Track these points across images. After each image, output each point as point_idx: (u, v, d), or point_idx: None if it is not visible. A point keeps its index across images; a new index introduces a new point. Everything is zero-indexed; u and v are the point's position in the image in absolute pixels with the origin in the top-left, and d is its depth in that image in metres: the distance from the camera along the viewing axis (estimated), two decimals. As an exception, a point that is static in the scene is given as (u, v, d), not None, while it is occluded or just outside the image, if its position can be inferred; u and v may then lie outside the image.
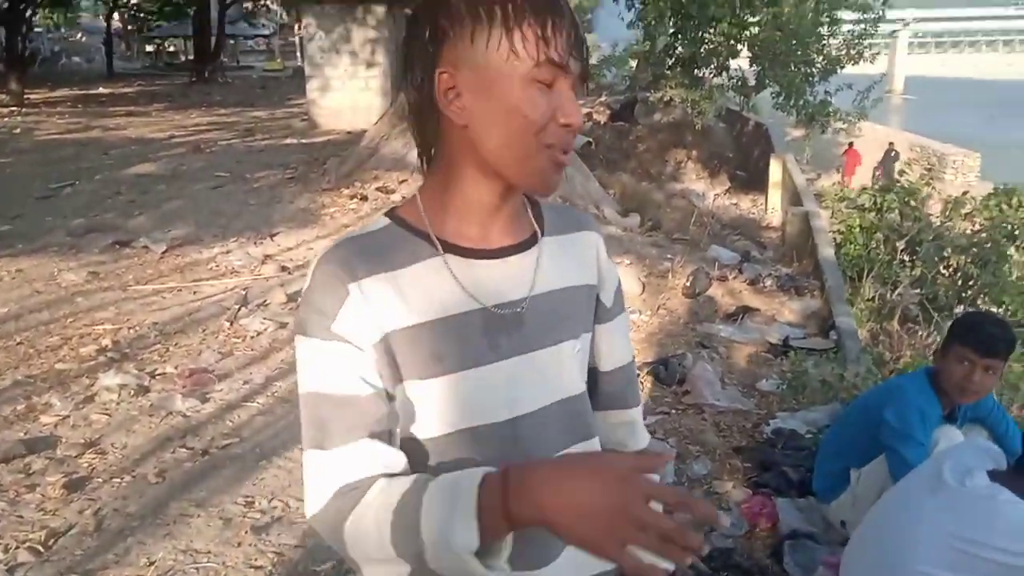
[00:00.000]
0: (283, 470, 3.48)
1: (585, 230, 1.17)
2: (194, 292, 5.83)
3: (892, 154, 19.55)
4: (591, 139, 12.80)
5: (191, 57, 31.45)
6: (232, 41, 37.89)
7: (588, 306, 1.15)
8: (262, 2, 36.99)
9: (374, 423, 0.97)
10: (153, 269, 6.36)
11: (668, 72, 13.78)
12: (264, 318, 5.25)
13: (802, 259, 7.76)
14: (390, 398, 0.99)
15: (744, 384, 4.44)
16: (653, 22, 13.38)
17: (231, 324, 5.18)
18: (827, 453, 2.93)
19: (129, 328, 5.11)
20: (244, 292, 5.74)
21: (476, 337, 1.01)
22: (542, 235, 1.10)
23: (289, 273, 6.27)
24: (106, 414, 3.95)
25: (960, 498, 1.74)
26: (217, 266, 6.46)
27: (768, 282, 6.42)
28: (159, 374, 4.43)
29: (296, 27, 38.24)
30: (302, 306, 1.00)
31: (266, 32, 44.60)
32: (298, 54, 35.71)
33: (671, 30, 13.86)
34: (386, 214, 1.07)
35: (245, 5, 36.74)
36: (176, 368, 4.50)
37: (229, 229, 7.42)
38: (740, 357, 4.89)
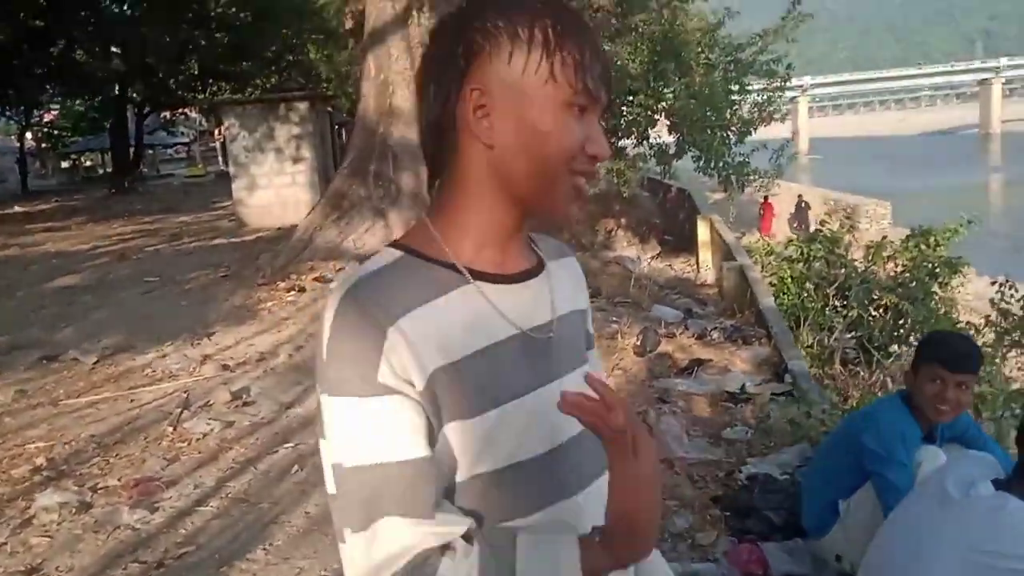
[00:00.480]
0: (247, 573, 3.27)
1: (569, 256, 1.16)
2: (131, 400, 5.57)
3: (803, 205, 20.67)
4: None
5: (109, 170, 31.12)
6: (151, 151, 37.63)
7: (583, 331, 1.13)
8: (180, 111, 36.99)
9: (435, 489, 0.90)
10: (85, 381, 6.07)
11: (591, 145, 14.09)
12: (209, 419, 5.04)
13: (743, 310, 7.88)
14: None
15: (710, 434, 4.40)
16: (572, 98, 13.74)
17: (174, 428, 4.94)
18: (812, 489, 2.88)
19: (64, 444, 4.82)
20: (185, 395, 5.51)
21: (519, 364, 0.96)
22: (545, 260, 1.08)
23: (231, 371, 6.06)
24: (47, 536, 3.67)
25: (969, 509, 1.72)
26: (154, 371, 6.20)
27: (715, 334, 6.48)
28: (101, 488, 4.17)
29: (216, 132, 38.25)
30: (330, 361, 0.90)
31: (186, 140, 44.46)
32: (220, 158, 35.64)
33: (590, 105, 14.25)
34: (392, 245, 1.00)
35: (163, 115, 36.68)
36: (119, 480, 4.25)
37: (163, 333, 7.17)
38: (701, 409, 4.87)
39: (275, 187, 13.87)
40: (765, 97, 14.06)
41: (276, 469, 4.33)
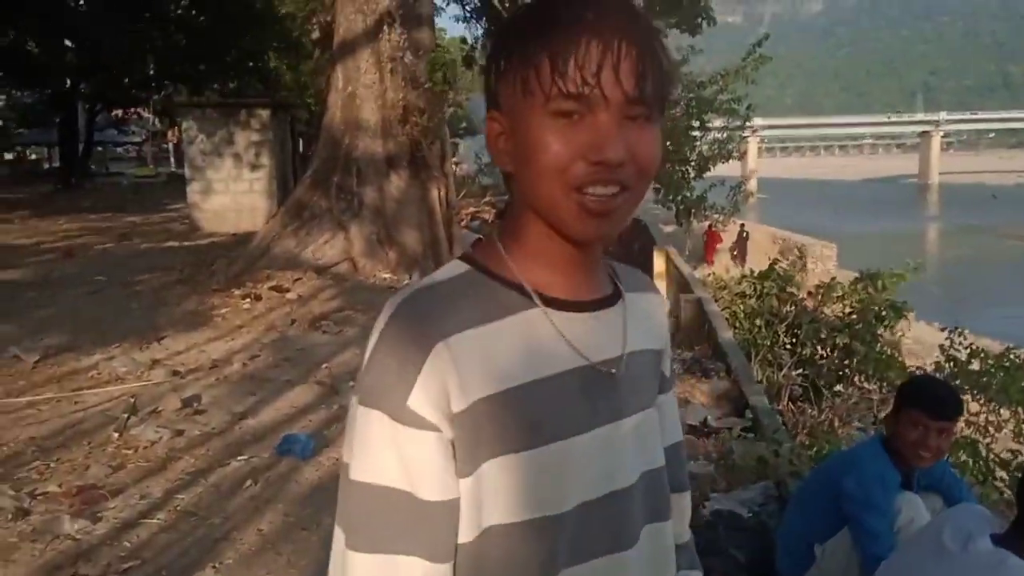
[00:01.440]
0: (196, 591, 3.13)
1: (652, 292, 1.07)
2: (75, 402, 5.34)
3: (744, 235, 21.15)
4: (481, 236, 12.96)
5: (56, 165, 30.21)
6: (101, 148, 36.69)
7: (657, 373, 1.04)
8: (133, 110, 36.15)
9: (438, 539, 0.84)
10: (25, 380, 5.80)
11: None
12: (158, 426, 4.86)
13: (700, 343, 7.93)
14: (461, 483, 0.85)
15: (673, 468, 4.38)
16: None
17: (120, 435, 4.75)
18: (789, 531, 2.87)
19: (1, 445, 4.59)
20: (132, 400, 5.30)
21: (577, 400, 0.89)
22: (623, 290, 1.00)
23: (181, 377, 5.87)
24: (-20, 543, 3.47)
25: (967, 565, 1.69)
26: (99, 374, 5.96)
27: (675, 366, 6.48)
28: (40, 494, 3.97)
29: (169, 133, 37.44)
30: (370, 369, 0.85)
31: (137, 139, 43.45)
32: (171, 160, 34.91)
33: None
34: (462, 259, 0.94)
35: (115, 113, 35.81)
36: (60, 486, 4.05)
37: (110, 334, 6.91)
38: (663, 441, 4.85)
39: (232, 193, 13.62)
40: (725, 135, 14.36)
41: (228, 482, 4.18)
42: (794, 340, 8.48)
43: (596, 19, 0.82)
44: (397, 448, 0.82)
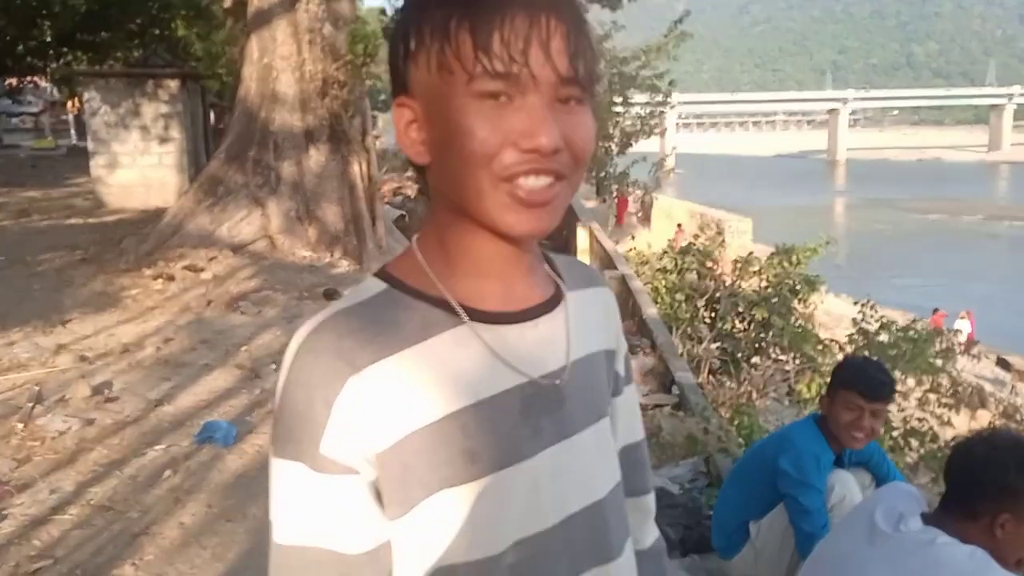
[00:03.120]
0: (114, 591, 2.98)
1: (599, 286, 0.98)
2: (-27, 392, 5.03)
3: (647, 198, 21.68)
4: (404, 212, 12.79)
5: (-56, 136, 28.43)
6: (-7, 119, 34.68)
7: (610, 375, 0.96)
8: (29, 79, 34.18)
9: None
10: (-83, 369, 5.44)
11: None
12: (66, 415, 4.62)
13: (624, 320, 8.00)
14: (393, 524, 0.78)
15: (603, 446, 4.39)
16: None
17: (25, 425, 4.49)
18: (725, 508, 2.89)
19: None
20: (37, 388, 5.03)
21: (516, 422, 0.80)
22: (565, 290, 0.91)
23: (90, 363, 5.59)
24: None
25: (899, 545, 1.72)
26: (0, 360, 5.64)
27: (602, 344, 6.51)
28: (-61, 492, 3.72)
29: (70, 104, 35.62)
30: (278, 414, 0.77)
31: (34, 110, 41.22)
32: (72, 132, 33.27)
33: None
34: (378, 275, 0.84)
35: (9, 82, 33.81)
36: (-40, 482, 3.81)
37: (10, 318, 6.53)
38: (592, 419, 4.86)
39: (139, 167, 13.01)
40: (648, 111, 14.48)
41: (145, 474, 4.00)
42: (713, 314, 8.67)
43: None
44: (314, 501, 0.76)
